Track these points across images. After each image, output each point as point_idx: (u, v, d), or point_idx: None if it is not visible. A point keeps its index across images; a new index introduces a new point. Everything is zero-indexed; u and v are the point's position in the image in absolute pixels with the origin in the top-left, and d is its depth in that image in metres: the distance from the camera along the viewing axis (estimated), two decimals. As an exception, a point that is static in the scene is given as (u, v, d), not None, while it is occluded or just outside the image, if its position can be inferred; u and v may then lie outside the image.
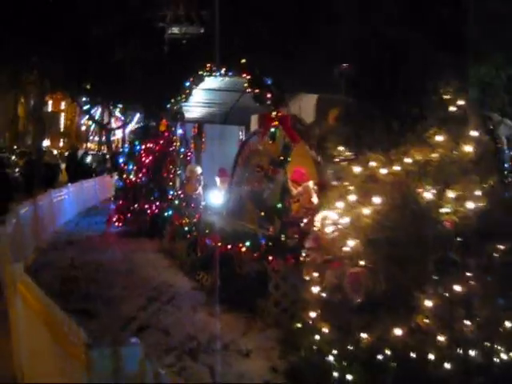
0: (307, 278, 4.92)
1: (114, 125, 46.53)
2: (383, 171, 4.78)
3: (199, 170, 12.36)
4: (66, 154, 30.58)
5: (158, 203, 13.80)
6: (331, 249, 4.61)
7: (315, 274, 4.76)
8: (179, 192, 12.27)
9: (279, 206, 7.36)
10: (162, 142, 14.09)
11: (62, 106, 58.49)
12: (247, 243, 7.94)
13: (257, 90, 7.30)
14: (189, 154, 12.73)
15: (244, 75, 7.82)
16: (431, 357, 4.42)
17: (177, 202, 12.21)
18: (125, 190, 14.92)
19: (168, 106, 12.12)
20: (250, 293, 7.79)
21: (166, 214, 12.42)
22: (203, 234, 9.54)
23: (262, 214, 7.86)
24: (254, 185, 9.15)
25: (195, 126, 13.90)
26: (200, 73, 10.09)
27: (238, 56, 8.15)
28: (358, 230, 4.54)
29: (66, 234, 14.11)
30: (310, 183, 8.38)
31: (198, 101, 12.28)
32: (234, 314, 7.76)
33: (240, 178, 11.19)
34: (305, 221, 8.05)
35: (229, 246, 8.49)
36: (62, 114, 60.17)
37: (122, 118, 45.86)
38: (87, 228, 15.29)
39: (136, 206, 14.16)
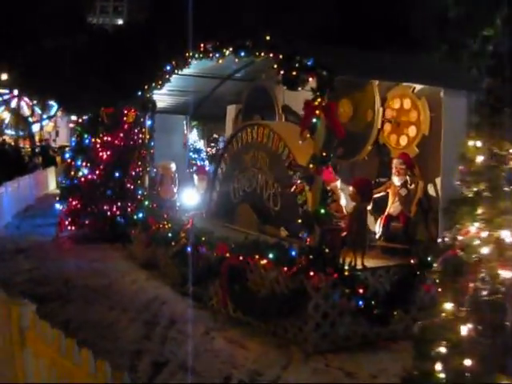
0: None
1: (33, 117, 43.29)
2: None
3: (173, 166, 10.93)
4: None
5: (119, 204, 12.21)
6: (473, 276, 3.53)
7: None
8: (153, 192, 10.79)
9: (322, 211, 6.18)
10: (122, 134, 12.54)
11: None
12: (270, 255, 6.71)
13: (294, 73, 6.08)
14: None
15: (271, 54, 6.56)
16: None
17: (147, 202, 10.72)
18: (74, 189, 13.17)
19: (139, 93, 10.58)
20: (274, 314, 6.60)
21: (134, 216, 10.88)
22: (198, 242, 8.18)
23: (299, 220, 6.62)
24: (284, 186, 7.88)
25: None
26: (189, 54, 8.68)
27: (260, 32, 6.87)
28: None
29: (10, 240, 12.21)
30: (338, 183, 7.28)
31: (169, 89, 10.82)
32: (258, 340, 6.56)
33: (227, 175, 9.91)
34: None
35: (239, 258, 7.22)
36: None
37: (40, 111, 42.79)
38: (31, 232, 13.39)
39: (93, 207, 12.49)
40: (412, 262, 6.74)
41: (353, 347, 6.30)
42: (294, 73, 6.12)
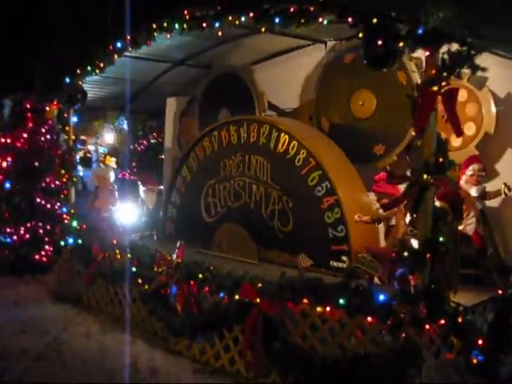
0: None
1: None
2: None
3: (112, 175, 8.45)
4: None
5: (29, 225, 9.35)
6: None
7: None
8: (86, 208, 8.25)
9: (441, 239, 4.39)
10: (26, 134, 9.68)
11: None
12: (341, 300, 4.81)
13: (400, 44, 4.23)
14: (89, 154, 8.73)
15: (350, 19, 4.59)
16: None
17: (75, 223, 8.14)
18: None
19: (67, 80, 7.94)
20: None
21: (61, 242, 8.21)
22: (190, 279, 5.96)
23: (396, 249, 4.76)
24: (300, 199, 5.95)
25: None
26: (163, 25, 6.40)
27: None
28: None
29: None
30: None
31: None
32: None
33: (193, 186, 7.76)
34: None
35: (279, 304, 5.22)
36: None
37: None
38: None
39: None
40: (501, 292, 5.25)
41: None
42: (401, 43, 4.27)
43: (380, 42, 4.30)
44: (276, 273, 5.75)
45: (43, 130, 9.57)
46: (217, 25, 5.88)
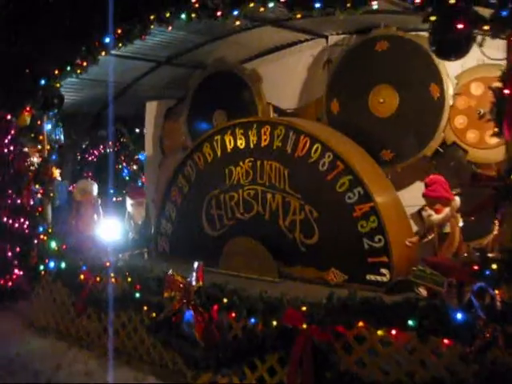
0: None
1: None
2: None
3: (95, 187, 7.52)
4: None
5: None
6: None
7: None
8: (69, 226, 7.29)
9: None
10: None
11: None
12: (410, 322, 4.19)
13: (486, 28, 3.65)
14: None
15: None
16: None
17: (54, 244, 7.19)
18: None
19: (43, 82, 6.97)
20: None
21: (40, 266, 7.22)
22: (212, 306, 5.20)
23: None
24: (327, 208, 5.29)
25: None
26: (165, 16, 5.60)
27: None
28: None
29: None
30: (457, 201, 4.99)
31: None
32: None
33: (193, 198, 7.00)
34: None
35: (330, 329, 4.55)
36: None
37: None
38: None
39: None
40: None
41: None
42: (486, 27, 3.70)
43: (460, 26, 3.73)
44: (305, 291, 5.14)
45: (6, 141, 8.52)
46: (235, 13, 5.15)
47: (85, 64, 6.63)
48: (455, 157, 6.01)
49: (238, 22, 5.44)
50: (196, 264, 5.44)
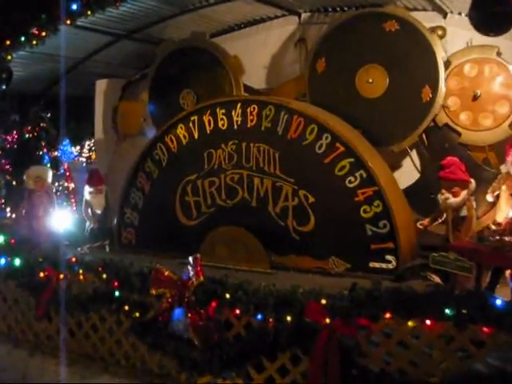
0: None
1: None
2: None
3: (49, 173, 6.70)
4: None
5: None
6: None
7: None
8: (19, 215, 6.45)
9: None
10: None
11: None
12: (447, 310, 3.95)
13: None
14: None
15: None
16: None
17: (3, 238, 6.35)
18: None
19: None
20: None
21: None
22: (222, 300, 4.72)
23: None
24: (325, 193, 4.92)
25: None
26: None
27: None
28: None
29: None
30: (473, 184, 4.81)
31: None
32: None
33: (163, 183, 6.43)
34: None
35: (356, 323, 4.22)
36: None
37: None
38: None
39: None
40: None
41: None
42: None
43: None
44: (306, 282, 4.80)
45: None
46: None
47: (43, 34, 5.82)
48: (445, 139, 5.89)
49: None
50: (192, 257, 4.90)
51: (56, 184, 6.96)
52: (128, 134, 7.82)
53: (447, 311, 3.97)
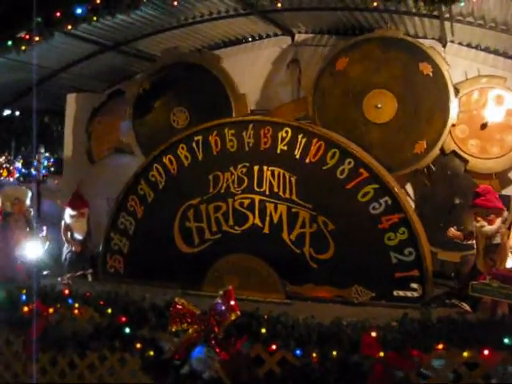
0: None
1: None
2: None
3: (28, 195, 6.03)
4: None
5: None
6: None
7: None
8: None
9: None
10: None
11: None
12: (507, 340, 3.90)
13: None
14: None
15: None
16: None
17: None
18: None
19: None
20: None
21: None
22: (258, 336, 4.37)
23: None
24: (345, 219, 4.74)
25: None
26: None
27: None
28: None
29: None
30: (506, 212, 4.83)
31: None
32: None
33: (161, 208, 6.00)
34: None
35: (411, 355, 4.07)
36: None
37: None
38: None
39: None
40: None
41: None
42: None
43: None
44: (333, 312, 4.59)
45: None
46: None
47: (36, 39, 5.23)
48: (452, 167, 5.96)
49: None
50: (224, 290, 4.54)
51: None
52: (101, 153, 7.25)
53: (506, 340, 3.92)
